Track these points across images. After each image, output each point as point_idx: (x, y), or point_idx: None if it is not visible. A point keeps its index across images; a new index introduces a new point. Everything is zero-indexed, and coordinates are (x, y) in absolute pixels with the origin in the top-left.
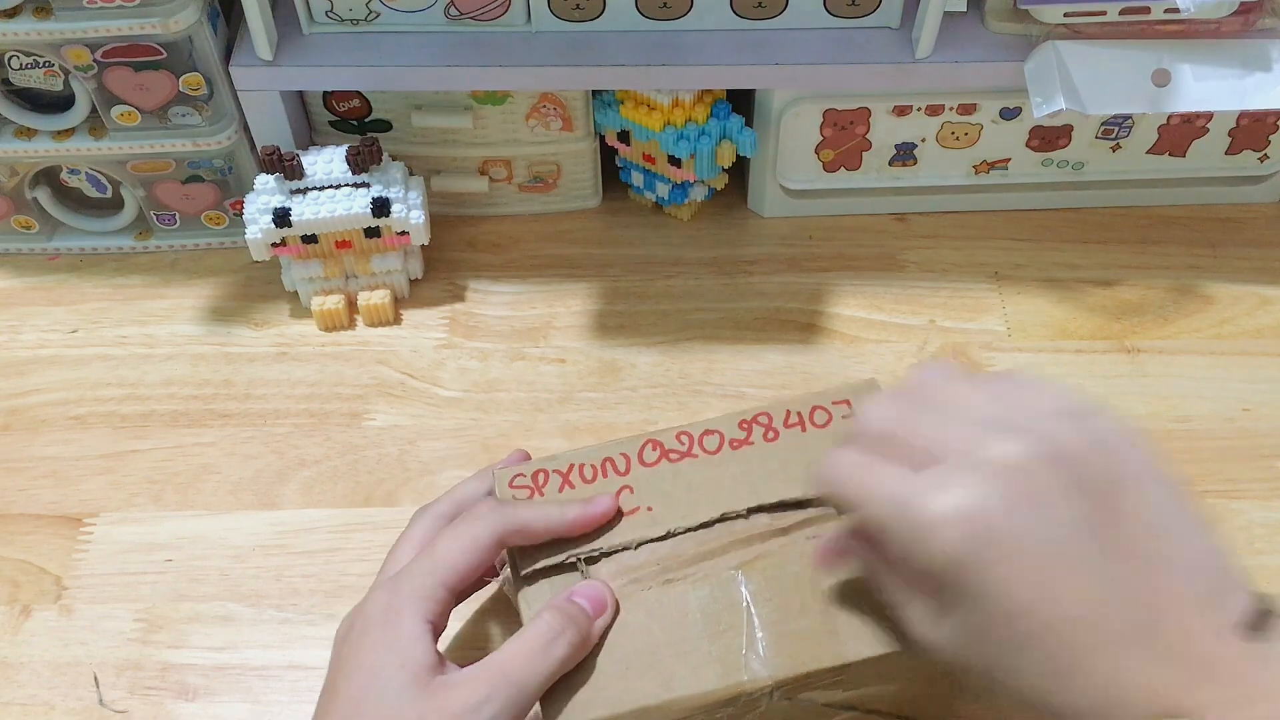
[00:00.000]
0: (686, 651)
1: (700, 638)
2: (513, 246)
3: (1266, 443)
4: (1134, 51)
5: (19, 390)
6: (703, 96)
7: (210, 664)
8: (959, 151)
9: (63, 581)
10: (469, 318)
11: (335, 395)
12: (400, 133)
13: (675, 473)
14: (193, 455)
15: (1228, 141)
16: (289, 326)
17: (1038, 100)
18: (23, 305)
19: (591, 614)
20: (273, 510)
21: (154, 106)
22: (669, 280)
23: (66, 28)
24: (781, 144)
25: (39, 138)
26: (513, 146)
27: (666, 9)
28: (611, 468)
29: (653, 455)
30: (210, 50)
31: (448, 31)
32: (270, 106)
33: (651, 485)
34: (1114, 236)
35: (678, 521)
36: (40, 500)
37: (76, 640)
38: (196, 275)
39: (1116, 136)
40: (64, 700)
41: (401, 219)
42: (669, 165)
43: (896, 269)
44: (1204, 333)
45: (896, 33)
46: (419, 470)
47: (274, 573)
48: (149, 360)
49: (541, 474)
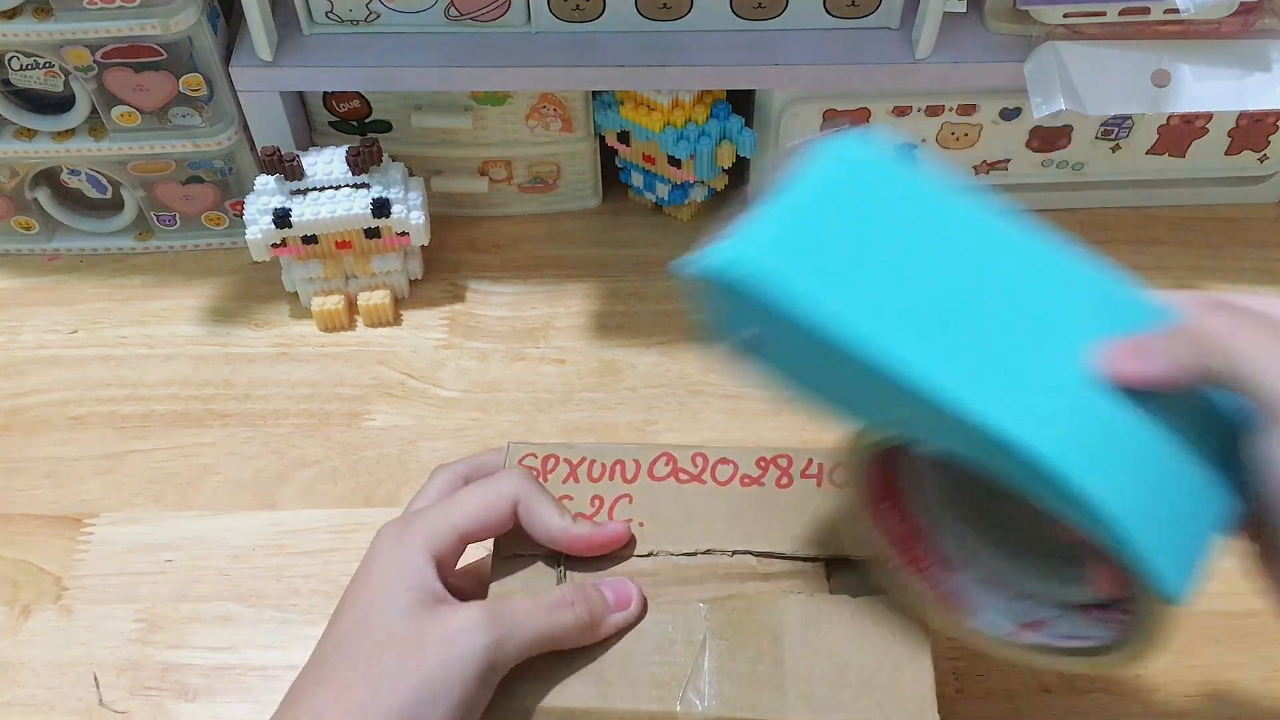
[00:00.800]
0: (631, 668)
1: (648, 658)
2: (513, 247)
3: None
4: (1134, 52)
5: (19, 390)
6: (703, 97)
7: (210, 664)
8: (959, 152)
9: (63, 581)
10: (469, 318)
11: (335, 395)
12: (400, 133)
13: (679, 494)
14: (193, 455)
15: (1228, 142)
16: (289, 327)
17: (1038, 101)
18: (23, 305)
19: (612, 605)
20: (273, 510)
21: (154, 107)
22: (669, 280)
23: (66, 28)
24: (782, 144)
25: (39, 138)
26: (513, 147)
27: (666, 9)
28: (620, 472)
29: (663, 470)
30: (210, 51)
31: (448, 32)
32: (270, 107)
33: (651, 501)
34: (1114, 236)
35: (664, 544)
36: (40, 500)
37: (76, 640)
38: (196, 276)
39: (1116, 137)
40: (64, 700)
41: (401, 219)
42: (669, 166)
43: None
44: None
45: (896, 33)
46: (419, 470)
47: (274, 573)
48: (149, 360)
49: (552, 459)
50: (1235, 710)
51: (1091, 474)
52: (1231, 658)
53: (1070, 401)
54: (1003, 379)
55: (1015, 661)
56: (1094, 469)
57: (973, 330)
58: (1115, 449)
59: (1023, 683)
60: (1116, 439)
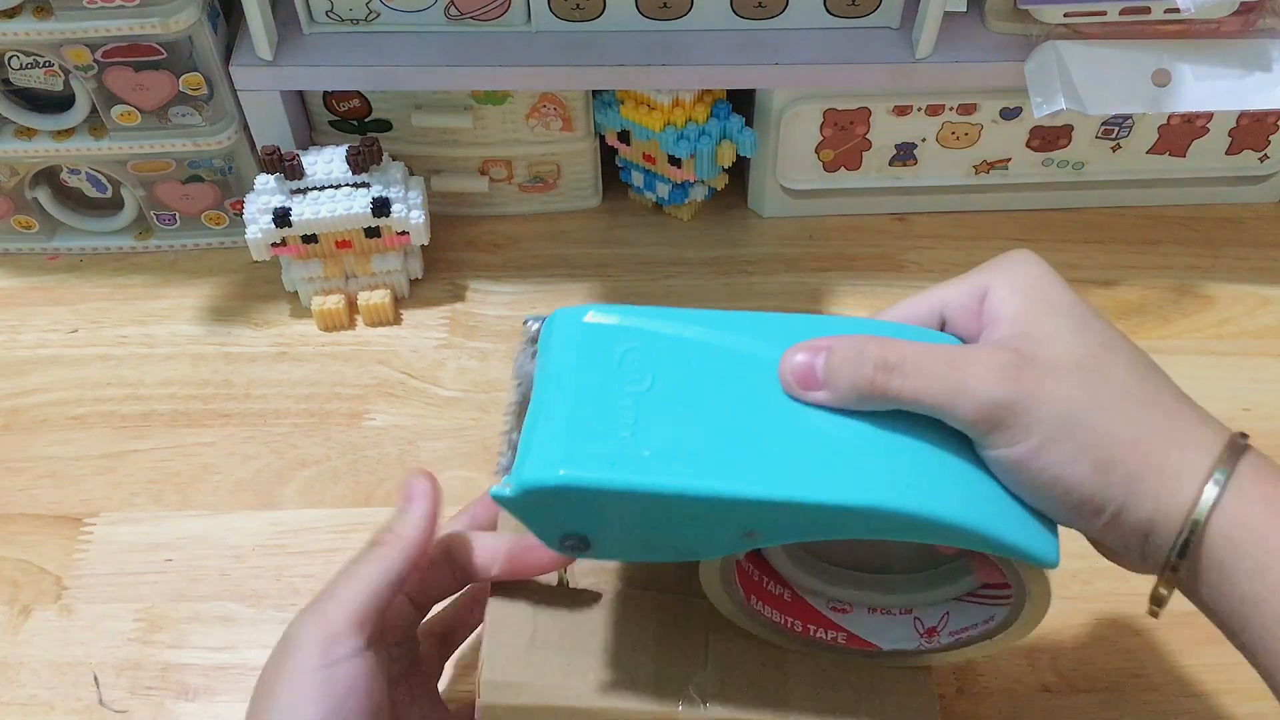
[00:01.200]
0: (632, 668)
1: (650, 659)
2: (513, 246)
3: (1266, 443)
4: (1134, 51)
5: (19, 390)
6: (703, 96)
7: (210, 664)
8: (959, 151)
9: (63, 581)
10: (469, 318)
11: (335, 395)
12: (400, 133)
13: None
14: (193, 455)
15: (1228, 141)
16: (289, 326)
17: (1038, 100)
18: (23, 305)
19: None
20: (273, 510)
21: (154, 106)
22: (669, 280)
23: (66, 28)
24: (781, 144)
25: (39, 138)
26: (513, 146)
27: (666, 9)
28: None
29: None
30: (210, 50)
31: (448, 31)
32: (270, 106)
33: None
34: (1114, 236)
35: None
36: (40, 500)
37: (76, 640)
38: (196, 275)
39: (1116, 136)
40: (64, 700)
41: (401, 219)
42: (669, 165)
43: (896, 269)
44: (1204, 333)
45: (896, 33)
46: (419, 470)
47: (274, 573)
48: (149, 360)
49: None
50: (1235, 710)
51: (939, 505)
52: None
53: (875, 456)
54: (813, 461)
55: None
56: (938, 501)
57: (769, 432)
58: (940, 480)
59: (1023, 682)
60: (938, 472)
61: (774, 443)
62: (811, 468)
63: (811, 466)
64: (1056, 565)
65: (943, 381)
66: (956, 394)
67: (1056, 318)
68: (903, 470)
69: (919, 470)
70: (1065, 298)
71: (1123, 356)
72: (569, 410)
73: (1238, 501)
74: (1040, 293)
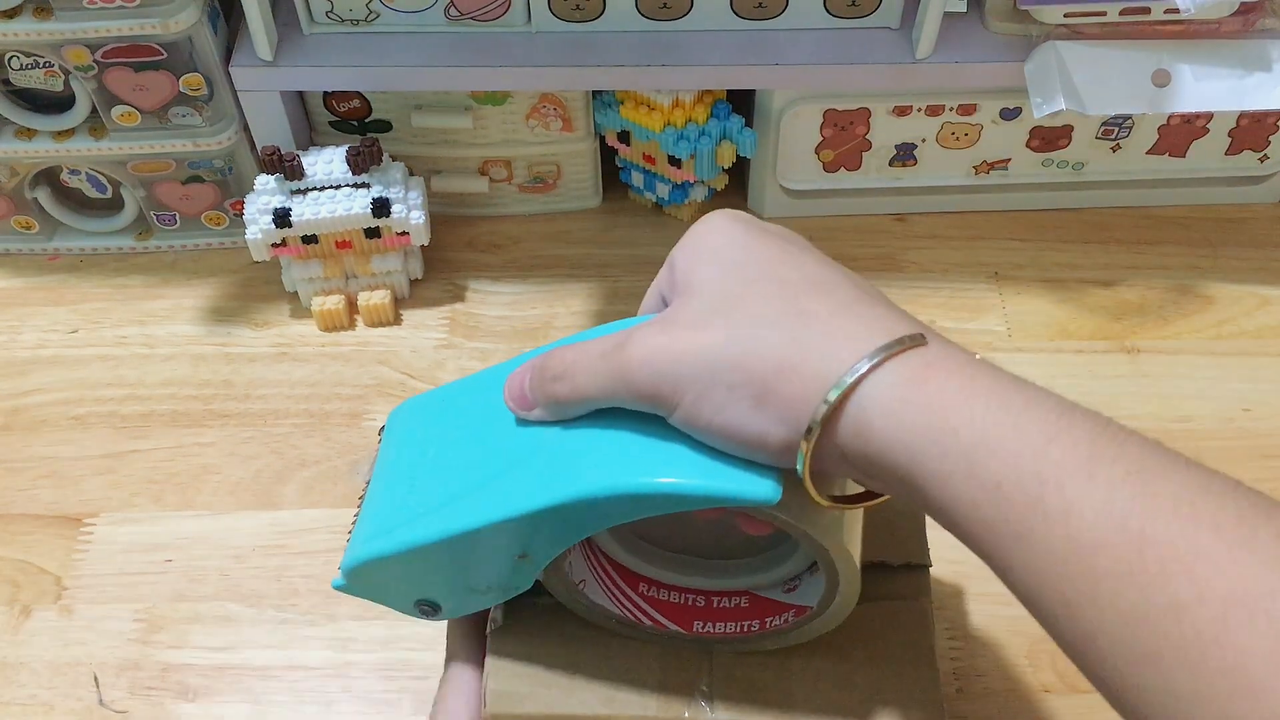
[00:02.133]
0: (638, 674)
1: (655, 664)
2: (513, 246)
3: (1266, 443)
4: (1134, 52)
5: (19, 390)
6: (703, 97)
7: (210, 664)
8: (959, 152)
9: (63, 581)
10: (469, 318)
11: (335, 395)
12: (400, 133)
13: None
14: (193, 455)
15: (1228, 141)
16: (289, 327)
17: (1038, 100)
18: (23, 305)
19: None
20: (273, 510)
21: (154, 107)
22: None
23: (66, 28)
24: (781, 144)
25: (39, 138)
26: (513, 146)
27: (666, 9)
28: None
29: None
30: (210, 50)
31: (448, 31)
32: (270, 107)
33: None
34: (1114, 236)
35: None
36: (40, 500)
37: (76, 640)
38: (196, 275)
39: (1116, 137)
40: (64, 700)
41: (401, 219)
42: (669, 165)
43: (896, 269)
44: (1204, 333)
45: (896, 33)
46: None
47: (274, 573)
48: (149, 360)
49: None
50: None
51: (631, 481)
52: None
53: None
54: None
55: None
56: (631, 476)
57: (511, 460)
58: (642, 457)
59: (1023, 682)
60: (639, 451)
61: (513, 467)
62: (527, 482)
63: (528, 480)
64: (774, 502)
65: (601, 376)
66: (615, 381)
67: (705, 268)
68: (607, 458)
69: (621, 454)
70: (718, 246)
71: (760, 287)
72: (377, 494)
73: (886, 375)
74: (702, 249)
